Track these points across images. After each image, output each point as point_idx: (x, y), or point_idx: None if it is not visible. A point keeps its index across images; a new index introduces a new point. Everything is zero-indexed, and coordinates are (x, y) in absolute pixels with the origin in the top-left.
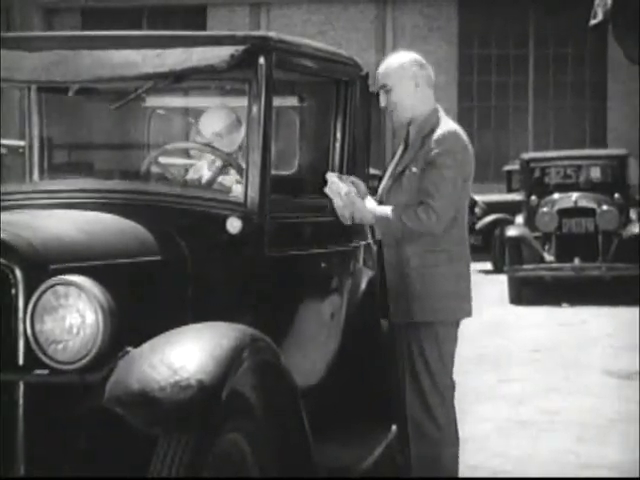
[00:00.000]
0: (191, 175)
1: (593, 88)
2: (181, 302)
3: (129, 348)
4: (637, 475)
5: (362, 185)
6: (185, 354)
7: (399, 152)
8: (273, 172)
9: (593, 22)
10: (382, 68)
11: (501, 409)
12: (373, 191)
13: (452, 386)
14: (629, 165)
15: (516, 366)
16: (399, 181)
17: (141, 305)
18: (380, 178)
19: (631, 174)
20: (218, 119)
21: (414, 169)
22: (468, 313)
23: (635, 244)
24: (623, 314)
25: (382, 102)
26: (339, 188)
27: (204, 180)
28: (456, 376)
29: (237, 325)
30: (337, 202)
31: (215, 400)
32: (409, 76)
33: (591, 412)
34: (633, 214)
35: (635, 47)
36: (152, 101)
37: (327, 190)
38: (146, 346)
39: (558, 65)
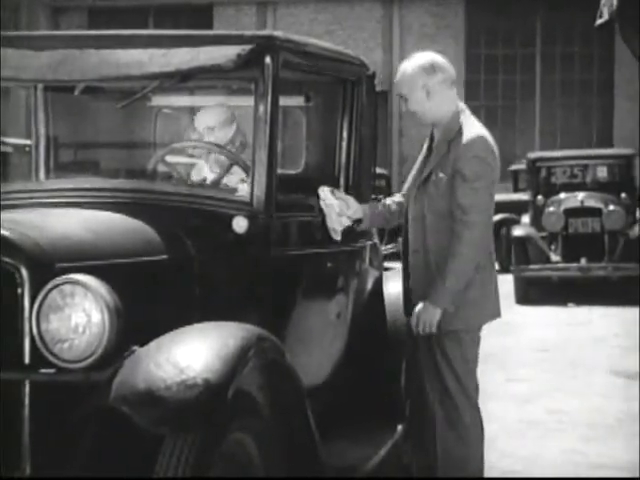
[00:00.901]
0: (194, 177)
1: (600, 87)
2: (187, 301)
3: (135, 347)
4: (637, 475)
5: (351, 200)
6: (191, 353)
7: (422, 156)
8: (280, 171)
9: (599, 22)
10: (398, 75)
11: (508, 409)
12: (379, 190)
13: (476, 387)
14: (636, 165)
15: (523, 366)
16: (424, 187)
17: (147, 304)
18: (387, 178)
19: (638, 174)
20: (212, 114)
21: (441, 174)
22: (493, 315)
23: None
24: (629, 314)
25: (402, 108)
26: (331, 206)
27: (209, 181)
28: None
29: (243, 324)
30: (330, 216)
31: (221, 399)
32: (419, 87)
33: (598, 412)
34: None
35: None
36: (158, 100)
37: (322, 204)
38: (152, 345)
39: (565, 64)
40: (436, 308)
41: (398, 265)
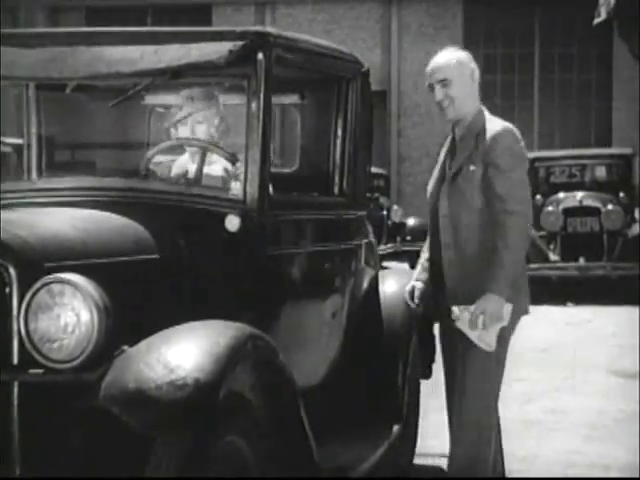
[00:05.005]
0: (175, 171)
1: (598, 87)
2: (179, 301)
3: (125, 347)
4: (637, 475)
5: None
6: (181, 353)
7: (444, 154)
8: (274, 170)
9: (597, 21)
10: (439, 62)
11: (507, 408)
12: (377, 190)
13: (496, 392)
14: (634, 164)
15: (522, 365)
16: (455, 183)
17: (138, 303)
18: (386, 177)
19: (636, 173)
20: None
21: (472, 167)
22: (525, 312)
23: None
24: (628, 313)
25: (438, 96)
26: (465, 319)
27: (190, 173)
28: None
29: (235, 323)
30: (474, 335)
31: (212, 399)
32: (468, 71)
33: (597, 412)
34: (638, 214)
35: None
36: (151, 99)
37: (460, 326)
38: (142, 345)
39: (564, 64)
40: (501, 299)
41: (396, 264)
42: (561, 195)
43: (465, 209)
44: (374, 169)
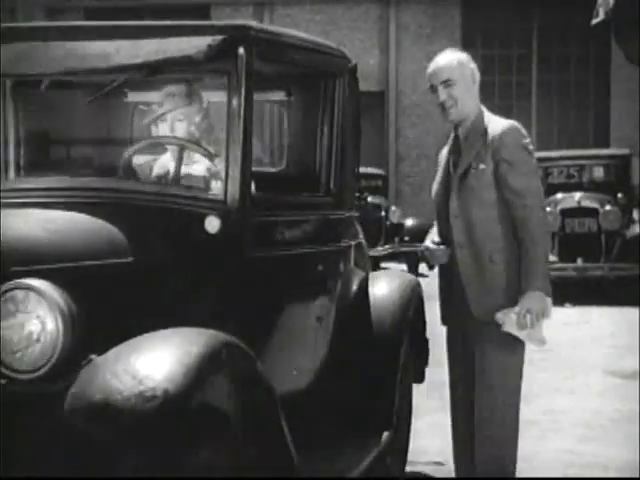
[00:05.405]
0: (157, 170)
1: (596, 88)
2: (154, 306)
3: (93, 356)
4: (637, 475)
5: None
6: (151, 362)
7: (446, 154)
8: (260, 169)
9: (595, 21)
10: (442, 63)
11: None
12: (375, 190)
13: (519, 389)
14: (632, 165)
15: None
16: (464, 182)
17: (109, 310)
18: (384, 178)
19: (634, 174)
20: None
21: (482, 166)
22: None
23: (638, 244)
24: (626, 314)
25: (441, 97)
26: (512, 321)
27: (172, 173)
28: None
29: (210, 331)
30: (523, 334)
31: (183, 412)
32: (469, 71)
33: (594, 412)
34: (636, 214)
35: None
36: (134, 96)
37: (509, 330)
38: (111, 354)
39: (561, 65)
40: (542, 294)
41: (395, 265)
42: (559, 196)
43: (477, 207)
44: (372, 169)
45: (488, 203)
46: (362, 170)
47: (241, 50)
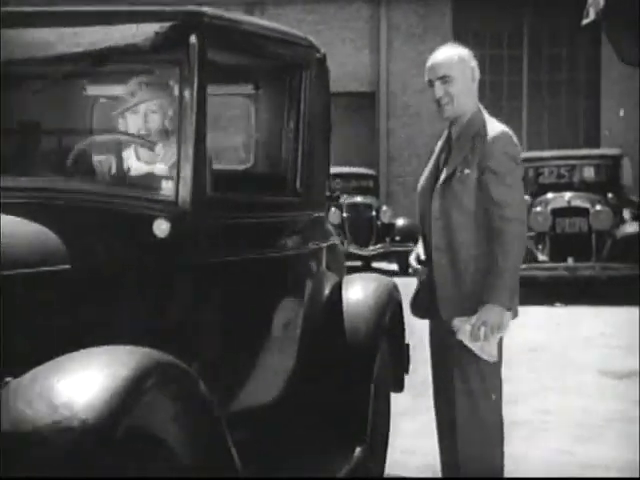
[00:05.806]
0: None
1: (587, 88)
2: (91, 321)
3: (8, 379)
4: (637, 475)
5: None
6: (70, 387)
7: (436, 154)
8: (224, 167)
9: (585, 21)
10: (440, 58)
11: None
12: (366, 191)
13: (500, 386)
14: (623, 165)
15: (510, 366)
16: (448, 184)
17: (36, 325)
18: (375, 178)
19: (624, 174)
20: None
21: (467, 171)
22: (515, 315)
23: (628, 244)
24: (617, 314)
25: (438, 93)
26: (466, 331)
27: (134, 171)
28: None
29: (143, 349)
30: (476, 346)
31: (104, 443)
32: (469, 69)
33: (586, 412)
34: (626, 214)
35: (630, 48)
36: (94, 89)
37: (462, 338)
38: (27, 376)
39: (552, 65)
40: (502, 309)
41: (386, 265)
42: (550, 195)
43: (458, 211)
44: (363, 170)
45: (468, 209)
46: (353, 170)
47: (193, 38)
